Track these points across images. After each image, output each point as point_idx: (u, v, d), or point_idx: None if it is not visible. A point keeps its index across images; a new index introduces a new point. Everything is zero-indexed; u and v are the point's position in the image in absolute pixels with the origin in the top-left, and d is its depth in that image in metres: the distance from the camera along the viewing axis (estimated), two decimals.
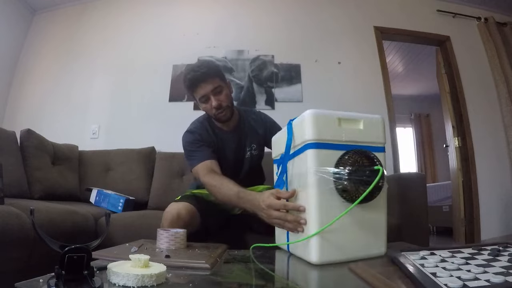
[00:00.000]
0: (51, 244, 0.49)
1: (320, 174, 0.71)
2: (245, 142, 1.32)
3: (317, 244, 0.70)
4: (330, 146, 0.72)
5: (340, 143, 0.73)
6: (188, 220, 1.09)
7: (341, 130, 0.74)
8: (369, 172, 0.69)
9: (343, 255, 0.72)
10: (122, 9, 2.84)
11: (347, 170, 0.69)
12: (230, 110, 1.25)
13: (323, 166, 0.71)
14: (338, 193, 0.71)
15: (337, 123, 0.74)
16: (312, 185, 0.71)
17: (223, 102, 1.20)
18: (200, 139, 1.25)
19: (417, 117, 5.70)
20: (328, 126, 0.73)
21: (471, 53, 2.88)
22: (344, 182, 0.69)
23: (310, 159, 0.72)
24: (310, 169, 0.71)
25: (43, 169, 1.76)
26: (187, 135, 1.28)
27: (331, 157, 0.72)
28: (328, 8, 2.84)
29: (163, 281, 0.53)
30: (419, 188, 1.60)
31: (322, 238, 0.70)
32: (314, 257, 0.70)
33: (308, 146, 0.72)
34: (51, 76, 2.68)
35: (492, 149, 2.71)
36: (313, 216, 0.71)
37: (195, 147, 1.24)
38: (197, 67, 1.19)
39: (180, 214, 1.08)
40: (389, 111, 2.59)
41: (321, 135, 0.72)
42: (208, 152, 1.22)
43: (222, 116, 1.23)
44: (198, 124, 1.31)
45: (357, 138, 0.76)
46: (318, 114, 0.73)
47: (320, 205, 0.71)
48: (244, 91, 2.60)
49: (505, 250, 0.57)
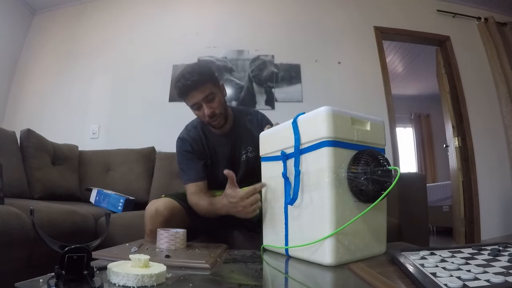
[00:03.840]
0: (51, 244, 0.49)
1: (337, 173, 0.69)
2: (240, 145, 1.30)
3: (332, 245, 0.68)
4: (344, 145, 0.72)
5: (353, 143, 0.73)
6: (168, 215, 1.11)
7: (353, 129, 0.74)
8: (381, 172, 0.69)
9: (352, 255, 0.71)
10: (122, 9, 2.84)
11: (365, 170, 0.69)
12: (223, 116, 1.22)
13: (338, 165, 0.70)
14: (353, 193, 0.71)
15: (350, 122, 0.74)
16: (327, 184, 0.69)
17: (216, 109, 1.18)
18: (191, 151, 1.25)
19: (417, 117, 5.70)
20: (343, 125, 0.73)
21: (471, 53, 2.88)
22: (361, 181, 0.69)
23: (327, 157, 0.70)
24: (326, 167, 0.69)
25: (43, 169, 1.76)
26: (179, 142, 1.28)
27: (345, 156, 0.72)
28: (328, 8, 2.84)
29: (163, 281, 0.53)
30: (419, 188, 1.60)
31: (337, 239, 0.69)
32: (329, 258, 0.68)
33: (324, 144, 0.70)
34: (51, 76, 2.68)
35: (492, 149, 2.71)
36: (328, 216, 0.69)
37: (185, 161, 1.25)
38: (188, 74, 1.14)
39: (158, 210, 1.11)
40: (389, 111, 2.59)
41: (338, 133, 0.71)
42: (198, 170, 1.23)
43: (216, 124, 1.22)
44: (192, 129, 1.30)
45: (365, 138, 0.76)
46: (335, 111, 0.72)
47: (337, 205, 0.69)
48: (244, 91, 2.60)
49: (505, 250, 0.57)
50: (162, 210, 1.11)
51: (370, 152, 0.72)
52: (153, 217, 1.11)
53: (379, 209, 0.77)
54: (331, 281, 0.67)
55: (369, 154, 0.72)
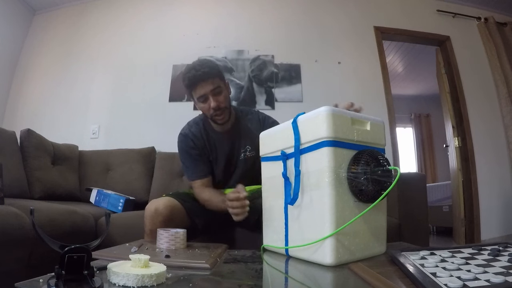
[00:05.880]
0: (51, 244, 0.49)
1: (337, 173, 0.69)
2: (239, 144, 1.31)
3: (332, 245, 0.68)
4: (344, 145, 0.72)
5: (353, 143, 0.74)
6: (168, 214, 1.11)
7: (353, 129, 0.74)
8: (381, 172, 0.70)
9: (352, 255, 0.71)
10: (122, 9, 2.84)
11: (365, 170, 0.69)
12: (227, 112, 1.24)
13: (338, 165, 0.70)
14: (353, 193, 0.71)
15: (350, 122, 0.74)
16: (328, 184, 0.69)
17: (222, 103, 1.20)
18: (193, 147, 1.27)
19: (417, 117, 5.70)
20: (343, 125, 0.73)
21: (471, 53, 2.88)
22: (361, 181, 0.69)
23: (327, 157, 0.70)
24: (326, 168, 0.70)
25: (43, 169, 1.76)
26: (181, 138, 1.30)
27: (345, 156, 0.72)
28: (328, 8, 2.84)
29: (163, 281, 0.53)
30: (419, 188, 1.60)
31: (337, 239, 0.69)
32: (329, 258, 0.68)
33: (324, 144, 0.70)
34: (51, 76, 2.68)
35: (492, 149, 2.71)
36: (328, 216, 0.69)
37: (189, 158, 1.28)
38: (198, 66, 1.17)
39: (157, 210, 1.11)
40: (389, 111, 2.59)
41: (338, 133, 0.71)
42: (202, 167, 1.28)
43: (220, 119, 1.22)
44: (193, 125, 1.32)
45: (365, 138, 0.76)
46: (334, 111, 0.72)
47: (337, 205, 0.69)
48: (244, 91, 2.60)
49: (505, 250, 0.57)
50: (162, 209, 1.11)
51: (370, 152, 0.72)
52: (152, 217, 1.11)
53: (379, 209, 0.77)
54: (331, 281, 0.67)
55: (369, 154, 0.72)
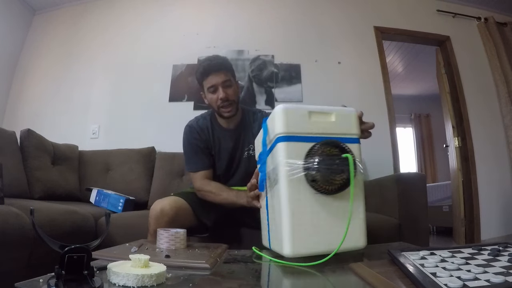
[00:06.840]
0: (51, 244, 0.49)
1: (289, 166, 0.72)
2: (243, 142, 1.32)
3: (288, 236, 0.71)
4: (300, 139, 0.74)
5: (310, 135, 0.75)
6: (173, 215, 1.10)
7: (311, 123, 0.76)
8: (339, 161, 0.70)
9: (317, 247, 0.71)
10: (122, 9, 2.84)
11: (316, 160, 0.70)
12: (235, 106, 1.26)
13: (293, 158, 0.72)
14: (308, 183, 0.72)
15: (308, 116, 0.76)
16: (283, 177, 0.72)
17: (230, 96, 1.22)
18: (197, 138, 1.29)
19: (417, 117, 5.71)
20: (298, 120, 0.75)
21: (471, 53, 2.88)
22: (313, 172, 0.70)
23: (281, 152, 0.74)
24: (280, 162, 0.73)
25: (43, 169, 1.76)
26: (187, 129, 1.33)
27: (302, 150, 0.73)
28: (328, 8, 2.84)
29: (163, 281, 0.53)
30: (419, 188, 1.60)
31: (294, 230, 0.71)
32: (286, 249, 0.71)
33: (278, 140, 0.75)
34: (51, 76, 2.68)
35: (492, 149, 2.70)
36: (284, 207, 0.72)
37: (192, 149, 1.29)
38: (213, 57, 1.25)
39: (163, 210, 1.10)
40: (389, 111, 2.59)
41: (290, 128, 0.74)
42: (205, 160, 1.29)
43: (226, 111, 1.24)
44: (201, 119, 1.34)
45: (329, 130, 0.77)
46: (287, 108, 0.76)
47: (290, 197, 0.72)
48: (244, 91, 2.60)
49: (505, 250, 0.57)
50: (167, 210, 1.10)
51: (324, 143, 0.72)
52: (157, 217, 1.09)
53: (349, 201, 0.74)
54: (331, 281, 0.67)
55: (323, 145, 0.72)
